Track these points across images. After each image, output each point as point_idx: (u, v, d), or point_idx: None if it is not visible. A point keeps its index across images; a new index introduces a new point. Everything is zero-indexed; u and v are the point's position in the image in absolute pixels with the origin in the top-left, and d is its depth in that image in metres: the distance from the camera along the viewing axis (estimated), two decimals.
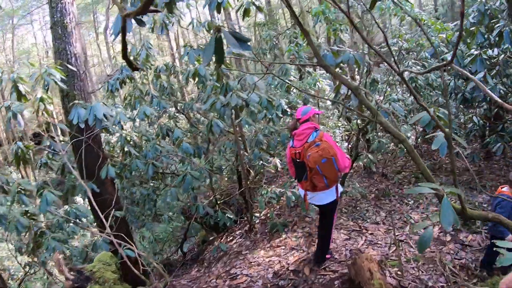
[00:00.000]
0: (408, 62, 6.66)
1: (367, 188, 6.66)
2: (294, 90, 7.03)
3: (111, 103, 6.96)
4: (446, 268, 4.03)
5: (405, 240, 4.73)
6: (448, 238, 4.73)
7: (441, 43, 6.67)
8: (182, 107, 7.10)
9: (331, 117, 12.10)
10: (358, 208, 5.89)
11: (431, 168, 7.31)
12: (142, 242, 8.86)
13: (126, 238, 5.70)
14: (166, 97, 6.62)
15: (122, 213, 5.30)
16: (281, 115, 6.60)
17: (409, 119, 7.51)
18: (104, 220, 4.01)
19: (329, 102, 10.81)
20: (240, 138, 6.68)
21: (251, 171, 7.27)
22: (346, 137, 11.38)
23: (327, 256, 4.18)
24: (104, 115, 4.32)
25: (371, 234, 4.98)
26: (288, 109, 6.73)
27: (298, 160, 3.52)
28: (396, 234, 4.94)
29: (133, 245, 6.04)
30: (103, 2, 24.63)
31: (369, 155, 5.94)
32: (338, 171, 3.44)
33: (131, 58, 6.31)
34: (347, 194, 6.27)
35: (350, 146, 10.34)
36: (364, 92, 2.61)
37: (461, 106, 7.02)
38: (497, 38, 5.09)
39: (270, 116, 6.32)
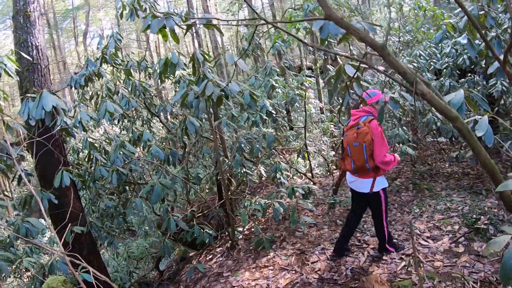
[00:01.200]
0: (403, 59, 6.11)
1: None
2: (279, 91, 6.38)
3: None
4: (466, 285, 3.39)
5: (414, 255, 4.07)
6: (461, 249, 4.11)
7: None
8: (156, 109, 6.35)
9: (316, 125, 11.56)
10: None
11: (429, 173, 6.74)
12: (116, 260, 7.95)
13: (87, 257, 4.93)
14: (137, 98, 5.85)
15: (82, 229, 4.49)
16: (265, 117, 5.96)
17: (403, 121, 7.00)
18: (57, 236, 3.22)
19: (313, 110, 10.26)
20: (219, 144, 5.96)
21: (232, 180, 6.53)
22: (333, 145, 10.87)
23: (390, 248, 3.96)
24: (55, 108, 3.56)
25: (373, 248, 4.31)
26: (273, 111, 6.08)
27: (342, 138, 3.63)
28: (404, 246, 4.29)
29: (98, 265, 5.23)
30: (85, 9, 23.88)
31: None
32: (367, 162, 3.33)
33: (100, 51, 5.57)
34: (341, 204, 5.60)
35: (336, 154, 9.80)
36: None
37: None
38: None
39: (253, 119, 5.68)
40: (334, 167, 10.35)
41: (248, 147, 5.35)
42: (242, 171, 5.65)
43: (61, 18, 25.02)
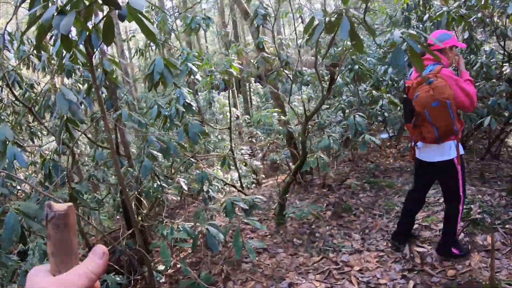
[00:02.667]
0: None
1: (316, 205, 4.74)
2: (199, 77, 4.88)
3: None
4: None
5: (417, 269, 2.90)
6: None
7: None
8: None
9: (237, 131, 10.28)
10: (317, 235, 3.88)
11: (379, 170, 5.82)
12: None
13: None
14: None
15: None
16: (183, 110, 4.43)
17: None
18: None
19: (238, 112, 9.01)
20: (120, 148, 4.20)
21: (142, 199, 4.73)
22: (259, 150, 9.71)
23: (455, 251, 3.00)
24: None
25: (359, 271, 3.02)
26: (193, 103, 4.53)
27: (406, 96, 2.85)
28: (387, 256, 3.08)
29: None
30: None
31: (322, 155, 4.06)
32: (455, 124, 2.56)
33: None
34: (297, 217, 4.22)
35: (265, 157, 8.59)
36: None
37: None
38: None
39: (165, 113, 4.12)
40: (263, 176, 9.14)
41: (162, 149, 3.69)
42: (155, 185, 3.96)
43: None
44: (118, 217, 5.98)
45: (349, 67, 4.91)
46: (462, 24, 4.34)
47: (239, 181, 6.59)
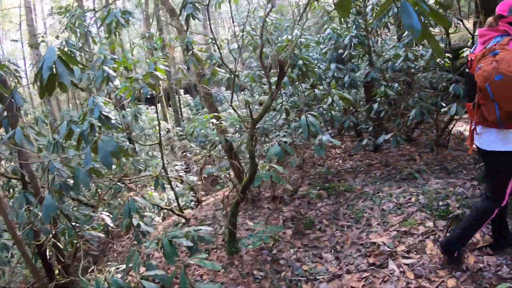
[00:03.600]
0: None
1: (267, 222, 4.06)
2: (118, 83, 4.01)
3: None
4: None
5: (412, 286, 2.37)
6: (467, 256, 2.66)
7: None
8: None
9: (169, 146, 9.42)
10: (281, 261, 3.19)
11: (330, 174, 5.35)
12: None
13: None
14: None
15: None
16: (99, 125, 3.61)
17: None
18: None
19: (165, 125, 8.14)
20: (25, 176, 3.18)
21: (59, 244, 3.66)
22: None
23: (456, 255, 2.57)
24: None
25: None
26: (113, 117, 3.65)
27: (468, 71, 2.44)
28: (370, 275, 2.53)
29: None
30: None
31: (276, 166, 3.39)
32: None
33: None
34: (255, 245, 3.47)
35: (202, 171, 7.78)
36: None
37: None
38: None
39: (78, 129, 3.31)
40: (202, 192, 8.29)
41: (68, 174, 2.74)
42: (68, 226, 3.01)
43: None
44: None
45: (292, 63, 4.38)
46: None
47: (176, 202, 5.74)
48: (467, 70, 2.51)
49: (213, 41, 3.34)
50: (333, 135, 6.63)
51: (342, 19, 5.39)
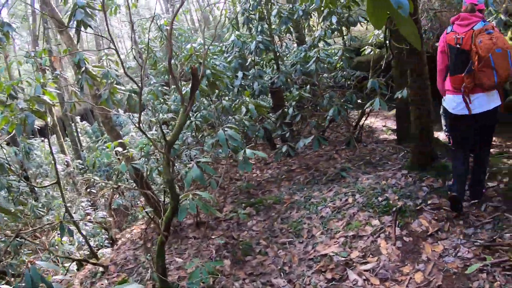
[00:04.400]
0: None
1: (198, 255, 3.55)
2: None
3: None
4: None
5: None
6: (410, 241, 2.56)
7: None
8: None
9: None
10: None
11: (251, 188, 5.05)
12: None
13: None
14: None
15: None
16: None
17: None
18: None
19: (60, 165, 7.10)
20: None
21: None
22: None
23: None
24: None
25: None
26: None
27: (459, 47, 2.81)
28: None
29: None
30: None
31: (199, 192, 2.92)
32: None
33: None
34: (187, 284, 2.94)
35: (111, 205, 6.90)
36: None
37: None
38: None
39: None
40: (116, 230, 7.34)
41: None
42: None
43: None
44: None
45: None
46: None
47: (87, 245, 4.89)
48: (457, 46, 2.84)
49: (114, 48, 2.76)
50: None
51: (246, 26, 5.20)
